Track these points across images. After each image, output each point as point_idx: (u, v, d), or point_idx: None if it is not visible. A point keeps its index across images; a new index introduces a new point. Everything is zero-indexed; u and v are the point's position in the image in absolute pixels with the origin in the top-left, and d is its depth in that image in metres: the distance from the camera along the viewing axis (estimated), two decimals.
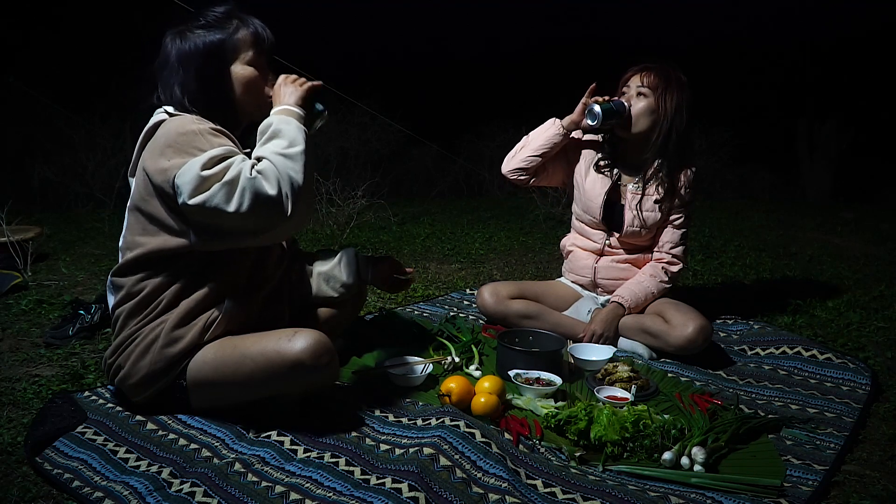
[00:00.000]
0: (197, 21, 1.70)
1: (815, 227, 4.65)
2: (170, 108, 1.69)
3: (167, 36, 1.71)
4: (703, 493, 1.46)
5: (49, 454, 1.56)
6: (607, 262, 2.44)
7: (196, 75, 1.67)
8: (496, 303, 2.42)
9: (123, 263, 1.68)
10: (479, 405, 1.76)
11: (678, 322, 2.20)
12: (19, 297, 2.73)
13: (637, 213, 2.35)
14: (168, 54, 1.69)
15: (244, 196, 1.49)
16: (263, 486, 1.41)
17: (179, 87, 1.68)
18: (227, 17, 1.71)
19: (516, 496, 1.40)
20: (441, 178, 6.85)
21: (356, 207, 4.22)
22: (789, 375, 2.13)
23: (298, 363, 1.58)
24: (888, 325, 2.59)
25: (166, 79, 1.70)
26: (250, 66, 1.72)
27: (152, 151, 1.61)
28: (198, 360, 1.65)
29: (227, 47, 1.69)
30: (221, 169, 1.51)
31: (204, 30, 1.68)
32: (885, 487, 1.53)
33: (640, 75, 2.31)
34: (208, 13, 1.71)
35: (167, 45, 1.70)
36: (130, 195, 1.70)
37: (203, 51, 1.67)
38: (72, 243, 3.78)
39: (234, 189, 1.50)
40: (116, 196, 4.64)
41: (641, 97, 2.30)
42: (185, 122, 1.60)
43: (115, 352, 1.70)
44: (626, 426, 1.64)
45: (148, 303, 1.67)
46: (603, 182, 2.41)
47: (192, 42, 1.67)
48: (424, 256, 3.73)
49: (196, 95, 1.68)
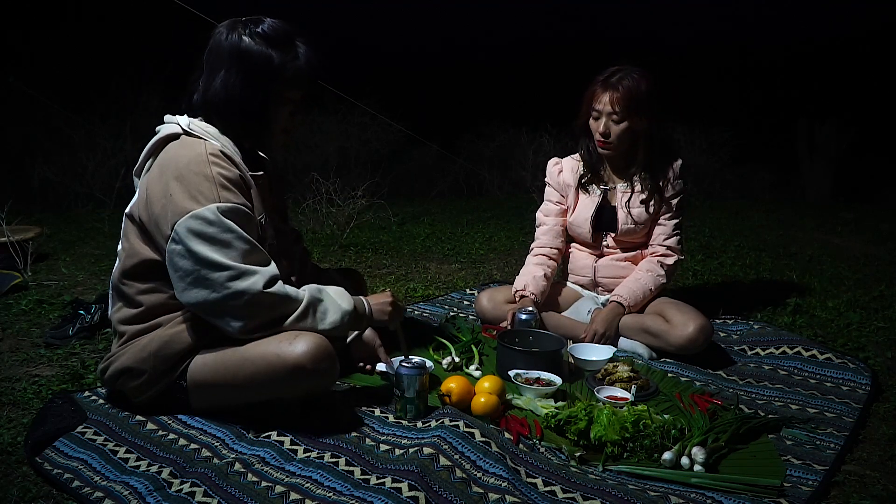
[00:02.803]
0: (257, 26, 1.64)
1: (815, 227, 4.64)
2: (184, 120, 1.66)
3: (221, 27, 1.66)
4: (703, 493, 1.46)
5: (49, 454, 1.56)
6: (607, 262, 2.44)
7: (243, 81, 1.63)
8: (493, 308, 2.44)
9: (127, 269, 1.68)
10: (479, 405, 1.76)
11: (679, 321, 2.20)
12: (19, 297, 2.73)
13: (628, 211, 2.37)
14: (220, 45, 1.64)
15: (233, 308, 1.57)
16: (263, 486, 1.41)
17: (223, 84, 1.64)
18: (289, 38, 1.66)
19: (516, 495, 1.40)
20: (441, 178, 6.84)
21: (356, 207, 4.22)
22: (789, 375, 2.13)
23: (299, 367, 1.58)
24: (888, 325, 2.59)
25: (212, 69, 1.65)
26: (294, 99, 1.70)
27: (160, 171, 1.61)
28: (198, 361, 1.65)
29: (282, 71, 1.64)
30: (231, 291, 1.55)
31: (264, 41, 1.63)
32: (885, 487, 1.53)
33: (610, 98, 2.25)
34: (270, 24, 1.66)
35: (221, 35, 1.64)
36: (133, 199, 1.69)
37: (258, 60, 1.62)
38: (72, 243, 3.78)
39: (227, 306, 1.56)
40: (116, 196, 4.64)
41: (616, 121, 2.27)
42: (200, 157, 1.58)
43: (111, 358, 1.71)
44: (626, 426, 1.64)
45: (150, 315, 1.68)
46: (588, 206, 2.42)
47: (248, 45, 1.62)
48: (424, 256, 3.73)
49: (235, 98, 1.64)
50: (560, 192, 2.50)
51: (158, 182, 1.60)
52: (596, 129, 2.31)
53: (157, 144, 1.68)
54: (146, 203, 1.61)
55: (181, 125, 1.66)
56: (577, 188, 2.46)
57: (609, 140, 2.30)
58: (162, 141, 1.67)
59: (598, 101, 2.29)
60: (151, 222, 1.60)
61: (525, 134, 6.26)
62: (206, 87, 1.66)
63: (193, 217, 1.53)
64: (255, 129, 1.70)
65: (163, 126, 1.71)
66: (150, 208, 1.59)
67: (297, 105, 1.72)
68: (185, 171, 1.57)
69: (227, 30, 1.65)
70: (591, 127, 2.34)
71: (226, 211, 1.56)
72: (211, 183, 1.56)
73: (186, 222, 1.53)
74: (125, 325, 1.70)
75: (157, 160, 1.66)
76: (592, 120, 2.33)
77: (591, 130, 2.34)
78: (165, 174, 1.59)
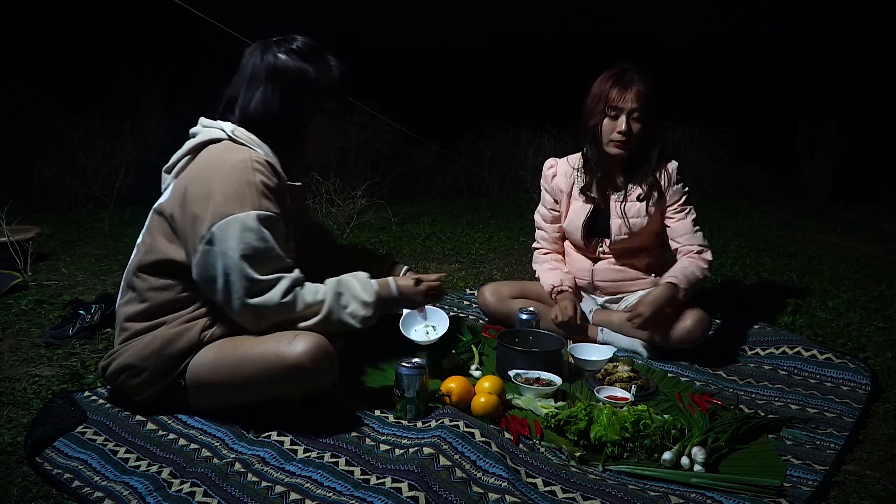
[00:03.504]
0: (291, 44, 1.72)
1: (815, 227, 4.64)
2: (228, 126, 1.70)
3: (255, 48, 1.74)
4: (703, 493, 1.46)
5: (49, 454, 1.56)
6: (604, 265, 2.41)
7: (281, 96, 1.70)
8: (497, 301, 2.42)
9: (144, 264, 1.69)
10: (479, 405, 1.76)
11: (676, 314, 2.19)
12: (19, 297, 2.73)
13: (624, 219, 2.32)
14: (256, 65, 1.71)
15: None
16: (263, 486, 1.41)
17: (261, 101, 1.70)
18: (320, 53, 1.74)
19: (516, 495, 1.40)
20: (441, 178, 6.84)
21: (356, 207, 4.22)
22: (789, 375, 2.13)
23: (298, 366, 1.58)
24: (888, 325, 2.59)
25: (250, 88, 1.71)
26: (329, 110, 1.77)
27: (201, 172, 1.64)
28: (197, 360, 1.66)
29: (317, 85, 1.72)
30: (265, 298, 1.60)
31: (299, 56, 1.71)
32: (885, 487, 1.53)
33: (634, 94, 2.19)
34: (302, 41, 1.73)
35: (256, 55, 1.72)
36: (166, 197, 1.70)
37: (294, 74, 1.70)
38: (72, 243, 3.77)
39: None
40: (116, 196, 4.64)
41: (636, 119, 2.21)
42: (244, 163, 1.62)
43: (113, 355, 1.71)
44: (626, 426, 1.64)
45: (155, 312, 1.68)
46: (580, 213, 2.37)
47: (285, 62, 1.70)
48: (424, 256, 3.73)
49: (274, 113, 1.70)
50: (553, 196, 2.45)
51: (199, 183, 1.62)
52: (614, 128, 2.22)
53: (198, 146, 1.71)
54: (182, 201, 1.63)
55: (226, 130, 1.70)
56: (570, 194, 2.41)
57: (628, 140, 2.22)
58: (202, 143, 1.71)
59: (617, 99, 2.20)
60: (186, 221, 1.61)
61: (525, 134, 6.26)
62: (245, 104, 1.72)
63: (234, 220, 1.56)
64: (294, 140, 1.77)
65: (202, 129, 1.74)
66: (189, 207, 1.61)
67: (331, 116, 1.79)
68: (228, 175, 1.60)
69: (262, 49, 1.73)
70: (606, 128, 2.24)
71: (264, 219, 1.60)
72: (253, 190, 1.60)
73: (225, 225, 1.56)
74: (129, 322, 1.70)
75: (197, 161, 1.69)
76: (609, 120, 2.23)
77: (603, 132, 2.25)
78: (208, 176, 1.62)
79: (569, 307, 2.30)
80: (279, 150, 1.73)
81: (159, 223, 1.69)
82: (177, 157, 1.75)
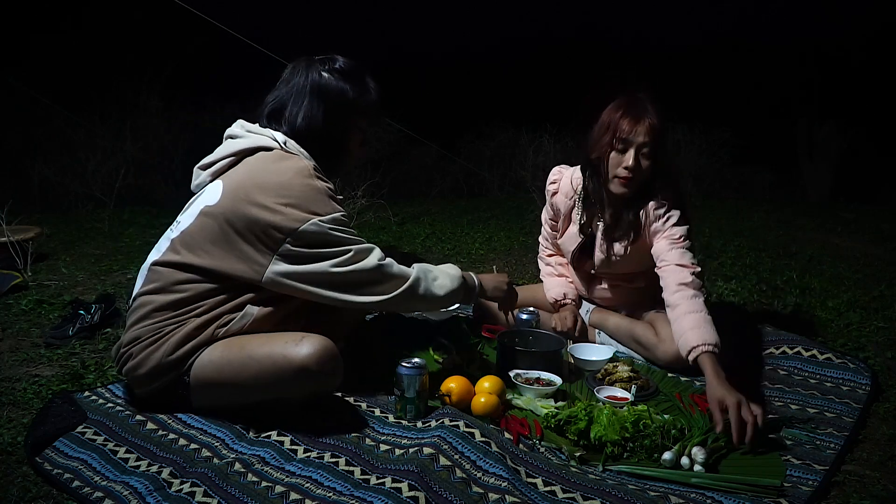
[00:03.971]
0: (334, 63, 1.81)
1: (815, 227, 4.64)
2: (280, 136, 1.76)
3: (299, 64, 1.82)
4: (703, 493, 1.46)
5: (49, 454, 1.56)
6: (599, 283, 2.39)
7: (325, 112, 1.78)
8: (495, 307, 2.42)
9: (183, 263, 1.68)
10: (479, 405, 1.76)
11: (667, 336, 2.08)
12: (19, 297, 2.73)
13: (606, 254, 2.24)
14: (300, 81, 1.79)
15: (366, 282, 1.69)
16: (263, 486, 1.41)
17: (305, 117, 1.77)
18: (361, 73, 1.84)
19: (516, 495, 1.40)
20: (441, 178, 6.84)
21: (356, 207, 4.22)
22: (789, 375, 2.13)
23: (304, 369, 1.58)
24: (888, 325, 2.59)
25: (294, 103, 1.78)
26: (363, 128, 1.87)
27: (260, 182, 1.66)
28: (204, 357, 1.65)
29: (357, 104, 1.82)
30: (352, 271, 1.68)
31: (341, 76, 1.80)
32: (885, 487, 1.53)
33: (647, 128, 2.01)
34: (344, 61, 1.83)
35: (300, 71, 1.80)
36: (216, 200, 1.69)
37: (337, 93, 1.79)
38: (72, 243, 3.78)
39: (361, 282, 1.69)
40: (116, 196, 4.64)
41: (645, 155, 2.04)
42: (305, 171, 1.69)
43: (133, 342, 1.68)
44: (626, 426, 1.64)
45: (185, 304, 1.67)
46: (573, 239, 2.32)
47: (328, 81, 1.78)
48: (424, 256, 3.73)
49: (317, 129, 1.78)
50: (552, 210, 2.41)
51: (263, 192, 1.65)
52: (620, 162, 2.04)
53: (246, 151, 1.76)
54: (247, 209, 1.64)
55: (278, 140, 1.75)
56: (567, 217, 2.32)
57: (635, 177, 2.04)
58: (251, 149, 1.75)
59: (627, 132, 2.02)
60: (256, 228, 1.64)
61: (525, 134, 6.25)
62: (292, 117, 1.79)
63: (316, 223, 1.64)
64: (334, 154, 1.85)
65: (246, 133, 1.79)
66: (258, 215, 1.63)
67: (363, 133, 1.90)
68: (294, 182, 1.67)
69: (306, 67, 1.80)
70: (612, 161, 2.06)
71: (339, 219, 1.69)
72: (322, 194, 1.69)
73: (309, 227, 1.63)
74: (154, 311, 1.68)
75: (252, 167, 1.72)
76: (616, 153, 2.05)
77: (609, 166, 2.07)
78: (272, 184, 1.66)
79: (569, 318, 2.31)
80: (320, 163, 1.79)
81: (209, 227, 1.68)
82: (217, 157, 1.79)
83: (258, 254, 1.65)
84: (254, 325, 1.70)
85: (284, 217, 1.63)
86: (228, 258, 1.66)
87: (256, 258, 1.65)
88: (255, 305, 1.71)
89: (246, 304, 1.70)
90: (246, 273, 1.66)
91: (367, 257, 1.70)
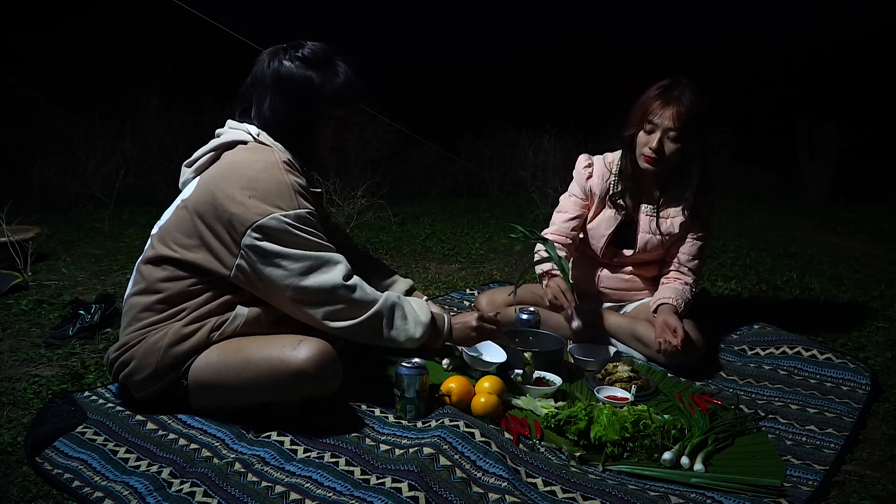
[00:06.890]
0: (297, 50, 1.72)
1: (815, 227, 4.64)
2: (254, 129, 1.73)
3: (264, 54, 1.75)
4: (703, 493, 1.46)
5: (49, 454, 1.56)
6: (612, 273, 2.40)
7: (288, 103, 1.71)
8: (493, 310, 2.40)
9: (158, 256, 1.69)
10: (479, 405, 1.76)
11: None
12: (19, 297, 2.73)
13: (652, 236, 2.29)
14: (263, 73, 1.72)
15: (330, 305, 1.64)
16: (263, 486, 1.41)
17: (269, 109, 1.72)
18: (329, 59, 1.73)
19: (516, 495, 1.40)
20: (441, 178, 6.84)
21: (356, 207, 4.22)
22: (789, 375, 2.13)
23: (301, 372, 1.58)
24: (888, 325, 2.59)
25: (259, 95, 1.74)
26: (338, 116, 1.77)
27: (229, 175, 1.65)
28: (201, 361, 1.65)
29: (323, 92, 1.71)
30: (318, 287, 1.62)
31: (304, 63, 1.70)
32: (885, 487, 1.53)
33: (673, 113, 2.10)
34: (309, 47, 1.73)
35: (264, 62, 1.73)
36: (190, 193, 1.70)
37: (299, 82, 1.69)
38: (72, 243, 3.78)
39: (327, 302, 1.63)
40: (116, 196, 4.64)
41: (671, 139, 2.13)
42: (275, 164, 1.65)
43: (123, 347, 1.68)
44: (626, 426, 1.65)
45: (169, 302, 1.67)
46: (609, 223, 2.32)
47: (289, 70, 1.69)
48: (424, 256, 3.73)
49: (283, 122, 1.72)
50: (584, 194, 2.38)
51: (231, 183, 1.62)
52: (646, 143, 2.16)
53: (223, 146, 1.74)
54: (213, 202, 1.62)
55: (252, 133, 1.72)
56: (602, 199, 2.33)
57: (658, 157, 2.15)
58: (228, 144, 1.73)
59: (656, 115, 2.12)
60: (220, 221, 1.61)
61: (525, 134, 6.26)
62: (258, 112, 1.74)
63: (276, 218, 1.58)
64: (305, 149, 1.77)
65: (228, 130, 1.77)
66: (223, 207, 1.61)
67: (340, 123, 1.79)
68: (261, 176, 1.62)
69: (269, 57, 1.73)
70: (640, 140, 2.18)
71: (304, 217, 1.63)
72: (289, 189, 1.63)
73: (269, 222, 1.58)
74: (142, 312, 1.68)
75: (223, 161, 1.71)
76: (644, 133, 2.17)
77: (638, 143, 2.19)
78: (239, 176, 1.63)
79: (561, 284, 2.22)
80: (296, 156, 1.75)
81: (182, 219, 1.69)
82: (200, 153, 1.78)
83: (223, 246, 1.63)
84: (246, 327, 1.69)
85: (246, 209, 1.59)
86: (200, 249, 1.65)
87: (222, 250, 1.63)
88: (245, 306, 1.69)
89: (235, 305, 1.69)
90: (214, 265, 1.64)
91: (330, 272, 1.63)
